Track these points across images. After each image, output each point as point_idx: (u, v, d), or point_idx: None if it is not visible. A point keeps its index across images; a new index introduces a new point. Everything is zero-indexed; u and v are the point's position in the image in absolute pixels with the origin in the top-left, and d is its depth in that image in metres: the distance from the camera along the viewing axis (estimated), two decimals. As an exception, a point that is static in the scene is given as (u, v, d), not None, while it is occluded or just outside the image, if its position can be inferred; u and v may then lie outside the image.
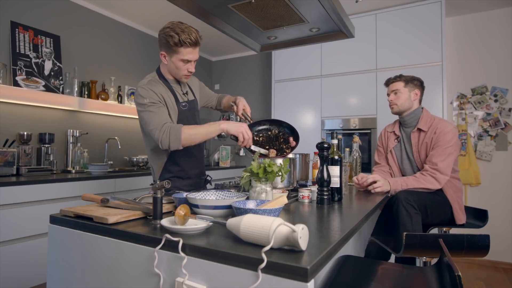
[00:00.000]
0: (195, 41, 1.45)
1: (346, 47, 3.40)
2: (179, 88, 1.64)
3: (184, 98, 1.64)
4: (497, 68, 3.26)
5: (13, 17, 2.68)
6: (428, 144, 1.87)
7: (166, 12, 3.46)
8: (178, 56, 1.47)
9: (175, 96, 1.58)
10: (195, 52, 1.49)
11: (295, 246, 0.71)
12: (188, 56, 1.47)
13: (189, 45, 1.44)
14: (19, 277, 2.12)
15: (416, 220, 1.62)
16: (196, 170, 1.70)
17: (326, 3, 1.44)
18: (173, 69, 1.53)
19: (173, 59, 1.49)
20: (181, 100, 1.60)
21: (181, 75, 1.54)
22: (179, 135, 1.36)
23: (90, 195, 1.20)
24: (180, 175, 1.62)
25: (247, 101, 1.77)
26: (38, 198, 2.22)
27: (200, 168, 1.74)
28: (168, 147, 1.39)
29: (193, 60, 1.51)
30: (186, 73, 1.53)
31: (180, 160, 1.61)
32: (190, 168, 1.66)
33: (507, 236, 3.15)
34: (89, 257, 0.97)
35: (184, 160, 1.62)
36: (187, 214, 0.87)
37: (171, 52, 1.47)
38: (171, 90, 1.57)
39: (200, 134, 1.39)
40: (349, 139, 3.32)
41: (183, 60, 1.48)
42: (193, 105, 1.68)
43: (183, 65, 1.50)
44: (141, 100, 1.46)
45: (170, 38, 1.42)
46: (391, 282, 1.03)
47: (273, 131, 1.71)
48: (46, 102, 2.77)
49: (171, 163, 1.60)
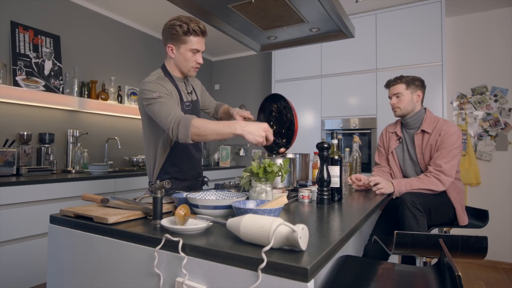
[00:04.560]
0: (204, 29, 1.46)
1: (346, 47, 3.40)
2: (184, 87, 1.62)
3: (188, 97, 1.62)
4: (497, 68, 3.26)
5: (13, 17, 2.68)
6: (433, 146, 1.85)
7: (166, 12, 3.46)
8: (187, 46, 1.46)
9: (180, 95, 1.56)
10: (203, 43, 1.49)
11: (295, 246, 0.71)
12: (197, 45, 1.47)
13: (198, 33, 1.45)
14: (19, 277, 2.12)
15: (422, 223, 1.62)
16: (194, 171, 1.68)
17: (326, 3, 1.44)
18: (181, 62, 1.51)
19: (181, 50, 1.48)
20: (185, 99, 1.58)
21: (190, 67, 1.52)
22: (187, 128, 1.28)
23: (90, 195, 1.20)
24: (178, 177, 1.60)
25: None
26: (38, 198, 2.22)
27: (198, 169, 1.72)
28: (176, 138, 1.31)
29: (201, 51, 1.50)
30: (195, 64, 1.52)
31: (178, 161, 1.58)
32: (188, 169, 1.63)
33: (507, 236, 3.15)
34: (89, 257, 0.97)
35: (182, 161, 1.61)
36: (187, 214, 0.87)
37: (179, 43, 1.47)
38: (176, 88, 1.54)
39: (211, 134, 1.28)
40: (349, 139, 3.32)
41: (192, 50, 1.47)
42: (196, 105, 1.65)
43: (192, 56, 1.49)
44: (149, 95, 1.39)
45: (179, 27, 1.43)
46: (391, 282, 1.03)
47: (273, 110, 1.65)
48: (46, 102, 2.77)
49: (169, 164, 1.57)
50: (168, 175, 1.58)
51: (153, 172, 1.59)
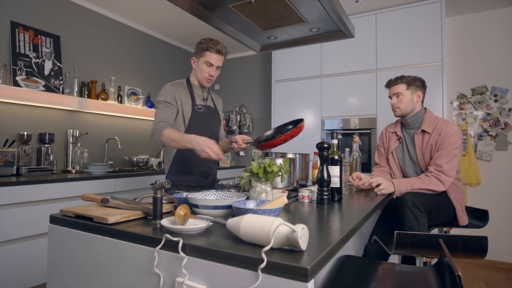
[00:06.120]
0: (219, 49, 1.75)
1: (346, 47, 3.40)
2: (201, 93, 1.87)
3: (203, 102, 1.86)
4: (497, 68, 3.26)
5: (13, 17, 2.68)
6: (433, 146, 1.85)
7: (166, 12, 3.46)
8: (204, 59, 1.75)
9: (193, 98, 1.80)
10: (218, 60, 1.76)
11: (295, 246, 0.71)
12: (211, 59, 1.74)
13: (213, 51, 1.73)
14: (19, 277, 2.12)
15: (422, 223, 1.62)
16: (202, 168, 1.84)
17: (326, 3, 1.44)
18: (197, 71, 1.80)
19: (199, 62, 1.77)
20: (198, 103, 1.82)
21: (203, 77, 1.79)
22: (159, 135, 1.59)
23: (90, 195, 1.20)
24: (185, 170, 1.79)
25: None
26: (38, 198, 2.22)
27: (207, 167, 1.87)
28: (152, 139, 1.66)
29: (215, 66, 1.76)
30: (207, 76, 1.78)
31: (187, 154, 1.76)
32: (195, 164, 1.80)
33: (507, 236, 3.15)
34: (89, 257, 0.97)
35: (191, 156, 1.73)
36: (187, 214, 0.87)
37: (199, 56, 1.77)
38: (191, 93, 1.81)
39: (172, 142, 1.57)
40: (349, 139, 3.31)
41: (207, 63, 1.75)
42: (210, 111, 1.87)
43: (206, 68, 1.76)
44: (158, 97, 1.75)
45: (201, 44, 1.75)
46: (391, 282, 1.03)
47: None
48: (46, 102, 2.77)
49: (179, 156, 1.79)
50: (177, 167, 1.79)
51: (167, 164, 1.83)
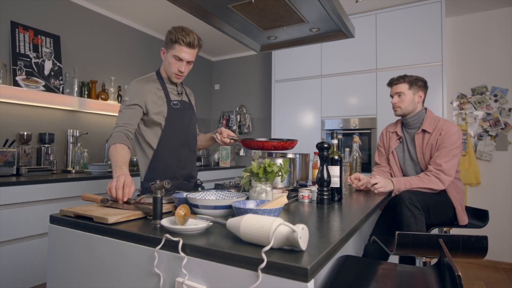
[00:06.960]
0: (189, 42, 1.54)
1: (346, 47, 3.40)
2: (174, 88, 1.70)
3: (177, 97, 1.69)
4: (497, 68, 3.26)
5: (13, 17, 2.68)
6: (433, 146, 1.86)
7: (166, 12, 3.46)
8: (172, 52, 1.56)
9: (167, 94, 1.63)
10: (188, 54, 1.56)
11: (295, 246, 0.71)
12: (181, 53, 1.54)
13: (182, 43, 1.53)
14: (19, 277, 2.12)
15: (420, 221, 1.62)
16: (184, 171, 1.68)
17: (326, 3, 1.44)
18: (166, 65, 1.62)
19: (168, 54, 1.58)
20: (173, 98, 1.66)
21: (171, 72, 1.60)
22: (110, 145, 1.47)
23: (90, 195, 1.20)
24: (165, 174, 1.59)
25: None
26: (38, 198, 2.22)
27: (189, 169, 1.71)
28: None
29: (185, 61, 1.57)
30: (176, 71, 1.59)
31: (166, 157, 1.61)
32: (177, 167, 1.64)
33: (507, 236, 3.15)
34: (89, 257, 0.97)
35: (171, 158, 1.62)
36: (187, 214, 0.87)
37: (168, 48, 1.58)
38: (163, 88, 1.64)
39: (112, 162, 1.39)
40: (349, 139, 3.31)
41: (175, 57, 1.56)
42: (186, 106, 1.70)
43: (174, 62, 1.57)
44: (124, 97, 1.58)
45: (170, 34, 1.55)
46: (391, 282, 1.03)
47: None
48: (46, 102, 2.77)
49: (157, 159, 1.60)
50: (155, 172, 1.60)
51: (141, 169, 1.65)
